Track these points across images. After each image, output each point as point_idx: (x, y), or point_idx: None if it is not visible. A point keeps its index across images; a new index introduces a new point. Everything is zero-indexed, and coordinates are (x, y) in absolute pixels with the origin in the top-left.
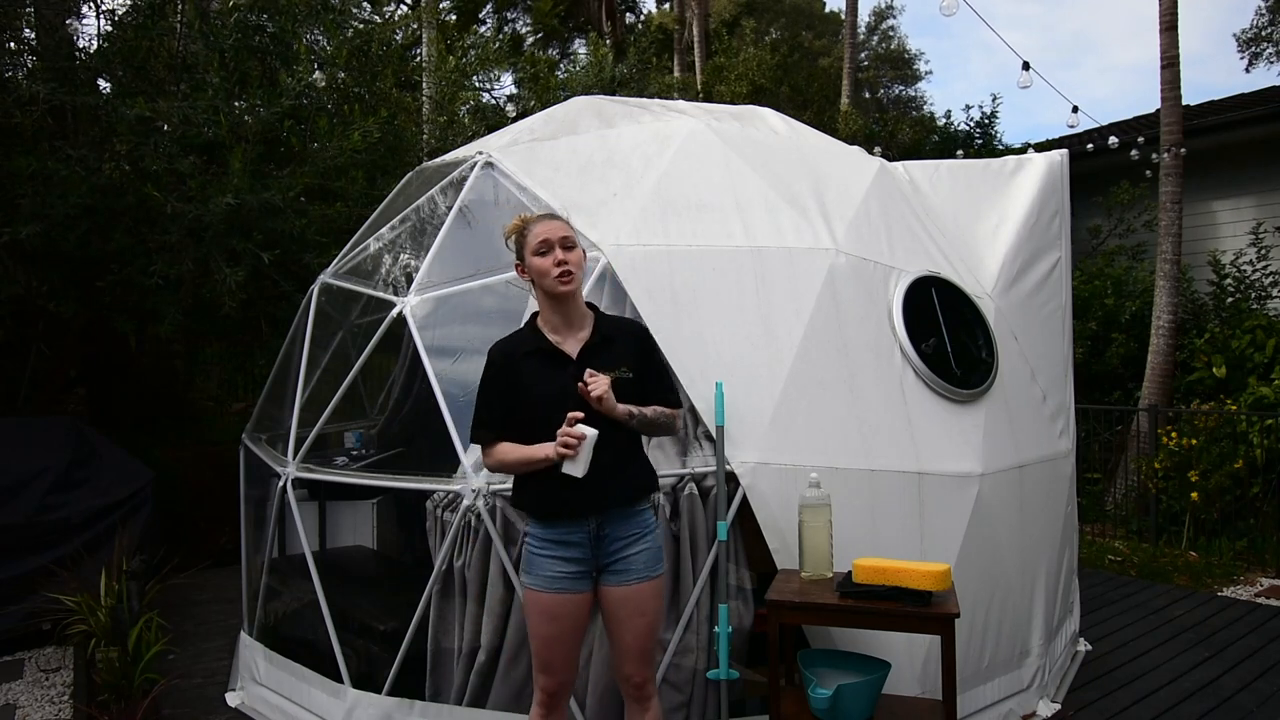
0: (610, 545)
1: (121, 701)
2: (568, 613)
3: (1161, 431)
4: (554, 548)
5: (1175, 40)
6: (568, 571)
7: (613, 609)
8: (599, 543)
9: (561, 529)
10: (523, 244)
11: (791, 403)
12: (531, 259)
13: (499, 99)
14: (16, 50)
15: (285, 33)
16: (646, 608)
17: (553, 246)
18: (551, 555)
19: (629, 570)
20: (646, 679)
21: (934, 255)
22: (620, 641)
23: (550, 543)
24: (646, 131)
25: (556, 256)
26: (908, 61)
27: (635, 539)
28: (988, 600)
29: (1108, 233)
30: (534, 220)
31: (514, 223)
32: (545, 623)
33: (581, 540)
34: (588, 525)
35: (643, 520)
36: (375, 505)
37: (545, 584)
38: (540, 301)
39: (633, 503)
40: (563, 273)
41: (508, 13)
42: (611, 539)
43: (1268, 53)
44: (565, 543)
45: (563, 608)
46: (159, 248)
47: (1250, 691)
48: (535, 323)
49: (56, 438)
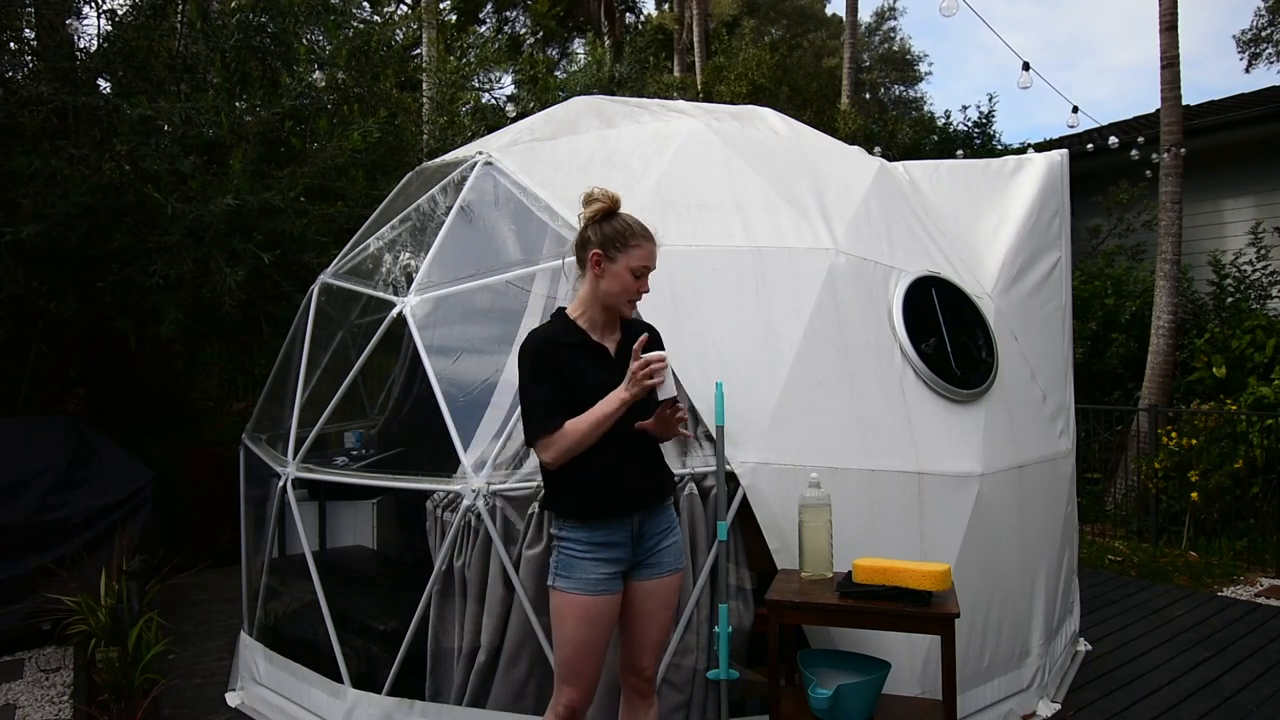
0: (647, 541)
1: (121, 701)
2: (608, 614)
3: (1161, 431)
4: (598, 550)
5: (1175, 40)
6: (610, 573)
7: (640, 603)
8: (639, 540)
9: (606, 530)
10: (618, 243)
11: (791, 403)
12: (624, 270)
13: (499, 99)
14: (17, 50)
15: (286, 33)
16: (672, 600)
17: (646, 274)
18: (595, 558)
19: (661, 564)
20: (656, 671)
21: (934, 255)
22: (644, 635)
23: (594, 545)
24: (646, 131)
25: (642, 285)
26: (909, 63)
27: (667, 533)
28: (988, 600)
29: (1107, 233)
30: (642, 234)
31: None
32: (584, 627)
33: (624, 540)
34: (630, 524)
35: (670, 515)
36: (375, 505)
37: (588, 587)
38: (587, 296)
39: (669, 496)
40: (635, 302)
41: (507, 13)
42: (649, 535)
43: (1267, 53)
44: (609, 544)
45: (603, 610)
46: (159, 248)
47: (1250, 691)
48: (566, 316)
49: (56, 438)
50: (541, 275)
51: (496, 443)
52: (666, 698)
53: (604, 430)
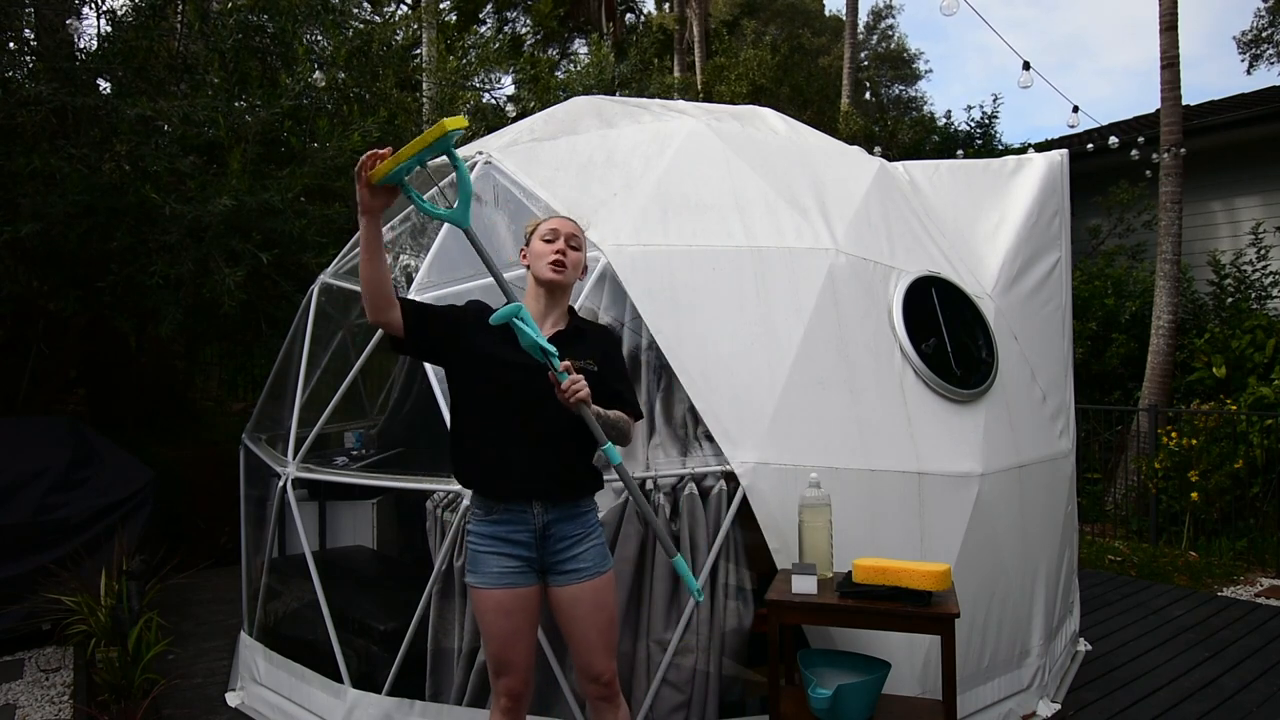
0: (556, 545)
1: (121, 701)
2: (521, 606)
3: (1161, 431)
4: (498, 544)
5: (1175, 40)
6: (512, 567)
7: (570, 609)
8: (545, 542)
9: (507, 526)
10: (533, 232)
11: (791, 403)
12: (535, 242)
13: (499, 99)
14: (17, 50)
15: (285, 33)
16: (605, 600)
17: (559, 237)
18: (495, 551)
19: (581, 569)
20: (614, 674)
21: (934, 255)
22: (585, 639)
23: (495, 539)
24: (646, 131)
25: (558, 246)
26: (907, 61)
27: (581, 538)
28: (988, 600)
29: (1107, 233)
30: (553, 217)
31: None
32: (500, 619)
33: (526, 538)
34: (530, 520)
35: (586, 520)
36: (375, 505)
37: (492, 580)
38: (529, 288)
39: (576, 498)
40: (556, 261)
41: (508, 13)
42: (557, 538)
43: (1268, 54)
44: (509, 540)
45: (515, 602)
46: (159, 247)
47: (1250, 691)
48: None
49: (56, 438)
50: None
51: None
52: (667, 698)
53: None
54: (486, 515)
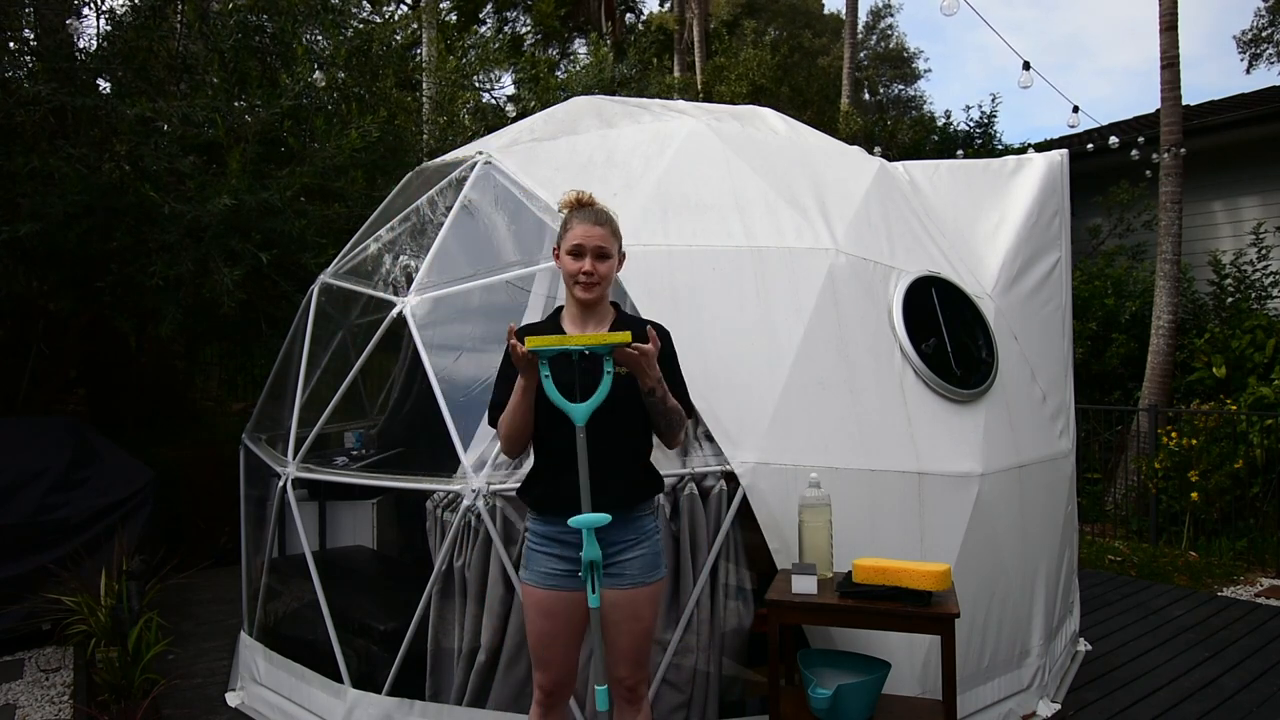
0: (607, 549)
1: (121, 701)
2: (563, 609)
3: (1161, 431)
4: (550, 545)
5: (1175, 40)
6: (561, 569)
7: (606, 611)
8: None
9: (559, 527)
10: (561, 233)
11: (791, 403)
12: (563, 255)
13: (499, 99)
14: (17, 50)
15: (285, 33)
16: (642, 613)
17: (585, 253)
18: (547, 552)
19: (624, 575)
20: (639, 681)
21: (934, 255)
22: (615, 645)
23: (547, 540)
24: (646, 131)
25: (584, 265)
26: (907, 60)
27: (632, 544)
28: (988, 600)
29: (1107, 233)
30: (577, 215)
31: (566, 198)
32: (541, 618)
33: (578, 540)
34: None
35: (640, 525)
36: (375, 505)
37: (539, 580)
38: (565, 291)
39: (630, 507)
40: (586, 283)
41: (508, 13)
42: (609, 542)
43: (1268, 53)
44: (561, 541)
45: (557, 604)
46: (159, 247)
47: (1250, 691)
48: (557, 316)
49: (56, 438)
50: (541, 275)
51: (497, 442)
52: (667, 698)
53: (518, 414)
54: (541, 514)
